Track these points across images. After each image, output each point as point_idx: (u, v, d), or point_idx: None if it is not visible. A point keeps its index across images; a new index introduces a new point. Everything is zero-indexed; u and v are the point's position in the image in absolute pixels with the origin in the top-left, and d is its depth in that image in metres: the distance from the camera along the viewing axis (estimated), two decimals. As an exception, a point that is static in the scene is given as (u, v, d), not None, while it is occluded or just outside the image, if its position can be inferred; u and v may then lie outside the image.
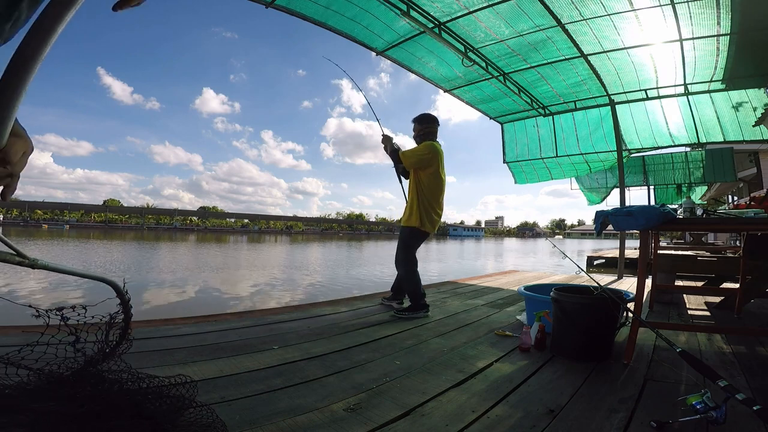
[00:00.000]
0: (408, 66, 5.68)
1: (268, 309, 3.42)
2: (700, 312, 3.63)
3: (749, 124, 5.90)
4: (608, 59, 5.26)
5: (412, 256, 3.22)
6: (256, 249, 22.05)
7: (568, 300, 2.20)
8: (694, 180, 10.26)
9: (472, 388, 1.73)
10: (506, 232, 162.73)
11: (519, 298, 4.08)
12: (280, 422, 1.36)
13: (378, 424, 1.38)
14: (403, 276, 3.23)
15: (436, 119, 3.36)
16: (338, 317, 3.10)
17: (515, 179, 8.38)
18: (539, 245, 42.02)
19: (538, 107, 6.94)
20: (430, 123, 3.32)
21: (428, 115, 3.37)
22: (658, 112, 6.52)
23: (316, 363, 2.00)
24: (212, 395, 1.53)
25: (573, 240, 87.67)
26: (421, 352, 2.26)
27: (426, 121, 3.33)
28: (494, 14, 4.43)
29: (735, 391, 1.30)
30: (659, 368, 2.02)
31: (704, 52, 4.84)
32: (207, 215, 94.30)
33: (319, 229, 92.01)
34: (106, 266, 10.37)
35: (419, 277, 3.20)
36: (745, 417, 1.44)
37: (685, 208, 2.25)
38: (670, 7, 4.02)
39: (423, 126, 3.32)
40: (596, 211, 2.41)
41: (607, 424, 1.41)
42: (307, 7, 4.28)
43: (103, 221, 74.21)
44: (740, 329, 2.77)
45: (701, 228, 2.79)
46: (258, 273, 10.31)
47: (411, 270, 3.18)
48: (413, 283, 3.16)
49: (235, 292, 7.26)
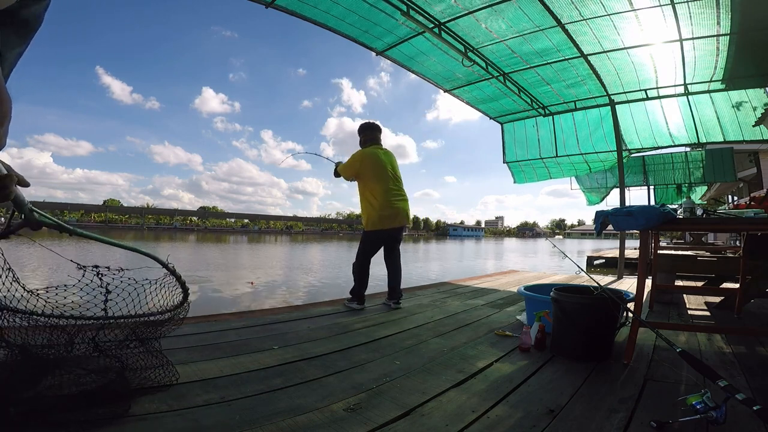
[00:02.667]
0: (408, 66, 5.68)
1: (267, 309, 3.42)
2: (700, 312, 3.63)
3: (749, 124, 5.90)
4: (608, 59, 5.26)
5: (363, 252, 3.48)
6: (257, 249, 22.05)
7: (568, 300, 2.20)
8: (694, 180, 10.26)
9: (472, 388, 1.73)
10: (506, 232, 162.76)
11: (519, 298, 4.08)
12: (280, 422, 1.36)
13: (378, 424, 1.38)
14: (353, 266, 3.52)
15: (372, 126, 3.67)
16: (338, 317, 3.10)
17: (514, 179, 8.38)
18: (539, 245, 42.02)
19: (538, 107, 6.94)
20: (366, 131, 3.65)
21: (365, 124, 3.69)
22: (658, 112, 6.52)
23: (316, 363, 2.00)
24: (212, 395, 1.53)
25: (573, 240, 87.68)
26: (421, 352, 2.26)
27: (362, 130, 3.67)
28: (494, 14, 4.43)
29: (735, 391, 1.30)
30: (659, 368, 2.02)
31: (704, 52, 4.84)
32: (207, 215, 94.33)
33: (319, 229, 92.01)
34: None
35: (367, 271, 3.49)
36: (745, 417, 1.43)
37: (685, 208, 2.24)
38: (670, 7, 4.02)
39: (361, 135, 3.67)
40: (596, 211, 2.41)
41: (607, 424, 1.41)
42: (307, 9, 4.29)
43: (103, 221, 74.22)
44: (740, 329, 2.77)
45: (701, 228, 2.79)
46: (259, 273, 10.31)
47: (359, 262, 3.47)
48: (357, 275, 3.47)
49: (234, 292, 7.26)
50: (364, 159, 3.45)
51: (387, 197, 3.41)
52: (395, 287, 3.55)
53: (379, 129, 3.68)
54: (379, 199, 3.40)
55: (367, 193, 3.46)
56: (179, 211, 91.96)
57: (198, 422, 1.33)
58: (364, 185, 3.48)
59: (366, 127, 3.66)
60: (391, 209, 3.42)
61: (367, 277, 3.50)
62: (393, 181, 3.50)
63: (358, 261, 3.47)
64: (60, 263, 10.07)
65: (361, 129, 3.67)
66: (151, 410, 1.38)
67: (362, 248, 3.48)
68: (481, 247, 34.63)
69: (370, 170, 3.43)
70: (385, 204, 3.40)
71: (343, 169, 3.54)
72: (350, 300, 3.47)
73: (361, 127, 3.68)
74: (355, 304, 3.43)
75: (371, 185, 3.43)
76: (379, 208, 3.39)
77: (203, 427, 1.31)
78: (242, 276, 9.60)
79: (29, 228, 1.24)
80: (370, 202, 3.44)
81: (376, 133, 3.64)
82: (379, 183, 3.42)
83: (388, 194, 3.42)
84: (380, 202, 3.40)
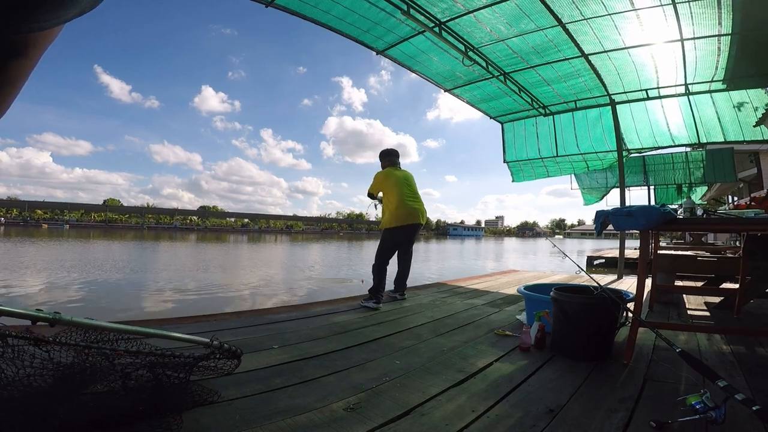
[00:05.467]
0: (408, 66, 5.68)
1: (266, 308, 3.42)
2: (700, 312, 3.63)
3: (750, 124, 5.90)
4: (609, 59, 5.25)
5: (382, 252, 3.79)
6: (257, 248, 22.06)
7: (568, 300, 2.20)
8: (694, 180, 10.26)
9: (472, 388, 1.73)
10: (506, 232, 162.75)
11: (519, 297, 4.08)
12: (280, 422, 1.36)
13: (378, 423, 1.38)
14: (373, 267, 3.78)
15: (391, 152, 4.16)
16: (337, 316, 3.10)
17: (513, 177, 8.37)
18: (539, 245, 42.02)
19: (539, 107, 6.94)
20: (386, 157, 4.14)
21: (385, 151, 4.19)
22: (659, 112, 6.52)
23: (316, 363, 2.00)
24: (212, 395, 1.53)
25: (573, 240, 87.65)
26: (421, 351, 2.26)
27: (382, 156, 4.17)
28: (494, 14, 4.42)
29: (734, 391, 1.30)
30: (659, 368, 2.02)
31: (705, 51, 4.83)
32: (207, 215, 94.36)
33: (319, 229, 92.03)
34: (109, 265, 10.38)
35: (386, 271, 3.75)
36: (745, 417, 1.43)
37: (686, 208, 2.24)
38: (671, 7, 4.02)
39: (382, 161, 4.17)
40: (596, 211, 2.41)
41: (607, 423, 1.41)
42: (308, 9, 4.29)
43: (104, 221, 74.24)
44: (740, 329, 2.77)
45: (701, 228, 2.79)
46: (259, 272, 10.32)
47: (379, 263, 3.74)
48: (377, 275, 3.69)
49: (234, 291, 7.26)
50: (385, 176, 3.96)
51: (403, 199, 3.84)
52: (403, 281, 4.01)
53: (397, 154, 4.17)
54: (395, 202, 3.81)
55: (387, 200, 3.92)
56: (179, 210, 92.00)
57: (198, 422, 1.33)
58: (386, 196, 3.93)
59: (386, 153, 4.16)
60: (406, 208, 3.81)
61: (386, 276, 3.71)
62: (408, 188, 3.94)
63: (377, 261, 3.75)
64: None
65: (381, 155, 4.17)
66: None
67: (381, 248, 3.80)
68: (481, 247, 34.64)
69: (389, 183, 3.90)
70: (401, 204, 3.81)
71: (372, 189, 4.07)
72: (368, 299, 3.58)
73: (381, 153, 4.18)
74: (372, 303, 3.52)
75: (389, 193, 3.88)
76: (395, 208, 3.80)
77: (203, 426, 1.31)
78: (242, 275, 9.61)
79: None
80: (388, 205, 3.88)
81: (394, 158, 4.13)
82: (396, 190, 3.86)
83: (404, 197, 3.85)
84: (397, 203, 3.81)
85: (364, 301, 3.57)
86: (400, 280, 4.00)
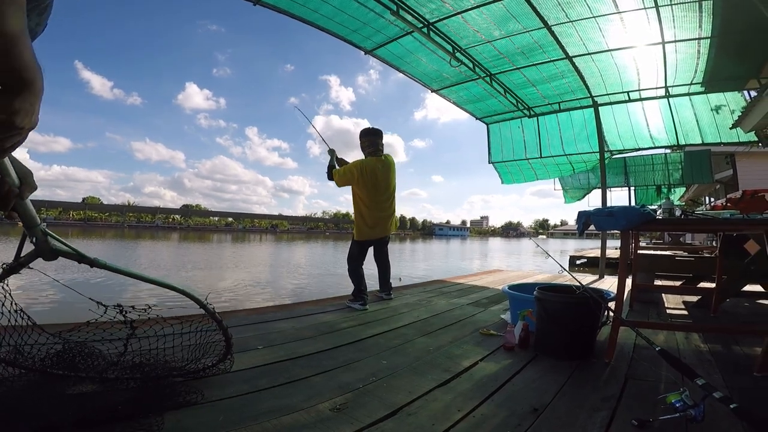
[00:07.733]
0: (396, 66, 5.68)
1: (252, 308, 3.38)
2: (678, 311, 3.71)
3: (727, 126, 6.07)
4: (592, 61, 5.34)
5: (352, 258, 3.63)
6: (241, 248, 21.81)
7: (551, 299, 2.23)
8: (673, 181, 10.51)
9: (457, 387, 1.74)
10: (491, 232, 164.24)
11: (503, 297, 4.12)
12: (266, 423, 1.34)
13: (365, 423, 1.38)
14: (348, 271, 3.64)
15: (375, 131, 3.65)
16: (324, 316, 3.09)
17: (502, 179, 8.47)
18: (523, 245, 42.51)
19: (524, 108, 7.02)
20: (368, 136, 3.64)
21: (366, 129, 3.68)
22: (640, 114, 6.67)
23: (302, 363, 1.98)
24: (195, 395, 1.50)
25: (556, 240, 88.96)
26: (408, 351, 2.26)
27: (363, 135, 3.66)
28: (482, 15, 4.46)
29: (712, 389, 1.33)
30: (639, 367, 2.06)
31: (686, 54, 4.95)
32: (190, 213, 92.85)
33: (305, 228, 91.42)
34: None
35: (361, 273, 3.59)
36: (722, 415, 1.47)
37: (665, 208, 2.30)
38: (654, 10, 4.10)
39: (363, 140, 3.65)
40: (579, 212, 2.45)
41: (590, 422, 1.43)
42: (296, 7, 4.25)
43: (83, 219, 72.39)
44: (716, 327, 2.85)
45: (680, 228, 2.86)
46: (243, 272, 10.20)
47: (351, 267, 3.61)
48: (353, 278, 3.58)
49: (217, 291, 7.16)
50: (363, 172, 3.48)
51: (376, 212, 3.58)
52: (386, 281, 3.88)
53: (380, 134, 3.67)
54: (369, 211, 3.55)
55: (359, 203, 3.58)
56: (161, 209, 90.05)
57: (180, 422, 1.31)
58: (358, 194, 3.58)
59: (367, 132, 3.66)
60: (378, 222, 3.60)
61: (363, 278, 3.59)
62: (385, 193, 3.62)
63: (350, 266, 3.63)
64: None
65: (362, 134, 3.68)
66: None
67: (351, 253, 3.65)
68: (467, 247, 34.90)
69: (365, 183, 3.50)
70: (374, 217, 3.57)
71: (339, 177, 3.56)
72: (352, 300, 3.52)
73: (363, 132, 3.69)
74: (357, 305, 3.46)
75: (363, 196, 3.54)
76: (368, 220, 3.57)
77: (186, 427, 1.29)
78: (227, 275, 9.48)
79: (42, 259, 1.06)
80: (361, 212, 3.57)
81: (377, 139, 3.64)
82: (371, 196, 3.53)
83: (378, 208, 3.58)
84: (370, 215, 3.56)
85: (349, 302, 3.53)
86: (382, 279, 3.89)
